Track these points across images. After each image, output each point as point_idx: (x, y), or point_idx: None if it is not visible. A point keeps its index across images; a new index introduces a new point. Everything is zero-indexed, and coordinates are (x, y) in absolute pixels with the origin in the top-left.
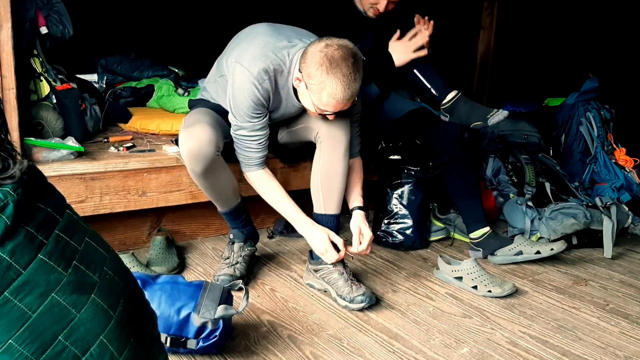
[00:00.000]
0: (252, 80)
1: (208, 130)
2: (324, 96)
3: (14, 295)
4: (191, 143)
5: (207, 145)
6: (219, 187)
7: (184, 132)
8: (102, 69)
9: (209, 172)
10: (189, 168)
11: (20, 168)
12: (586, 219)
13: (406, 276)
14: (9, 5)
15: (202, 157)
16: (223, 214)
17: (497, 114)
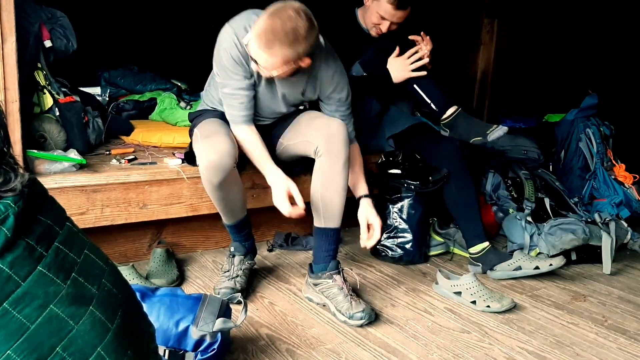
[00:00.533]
0: (232, 35)
1: (228, 142)
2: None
3: (13, 306)
4: (212, 155)
5: (228, 157)
6: (231, 199)
7: (203, 142)
8: (105, 82)
9: (225, 184)
10: (207, 179)
11: (21, 181)
12: (585, 235)
13: (405, 291)
14: (13, 19)
15: (222, 169)
16: (228, 226)
17: (497, 130)
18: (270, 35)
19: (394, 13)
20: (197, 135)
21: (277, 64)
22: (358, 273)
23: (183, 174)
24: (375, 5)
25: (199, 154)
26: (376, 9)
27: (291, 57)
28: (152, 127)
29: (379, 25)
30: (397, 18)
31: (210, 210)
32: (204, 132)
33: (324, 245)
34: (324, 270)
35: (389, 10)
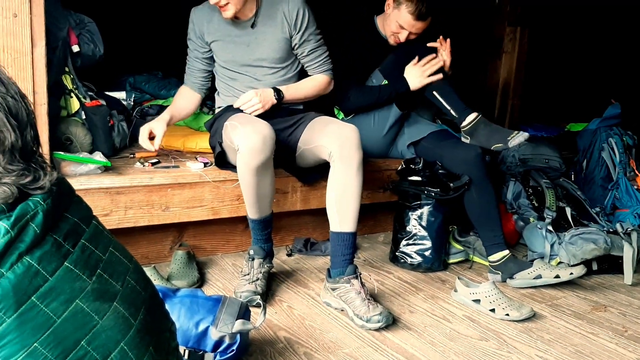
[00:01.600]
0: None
1: (269, 127)
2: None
3: (41, 300)
4: (255, 137)
5: (270, 140)
6: (263, 190)
7: (244, 127)
8: (130, 87)
9: (261, 170)
10: (245, 162)
11: (50, 179)
12: (606, 245)
13: (424, 297)
14: (43, 25)
15: (262, 152)
16: (254, 221)
17: (518, 136)
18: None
19: (413, 23)
20: (233, 124)
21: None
22: (376, 279)
23: (206, 177)
24: (395, 14)
25: (239, 137)
26: (396, 17)
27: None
28: (175, 131)
29: (398, 34)
30: (415, 29)
31: (230, 214)
32: (241, 120)
33: (341, 249)
34: (341, 274)
35: (408, 21)
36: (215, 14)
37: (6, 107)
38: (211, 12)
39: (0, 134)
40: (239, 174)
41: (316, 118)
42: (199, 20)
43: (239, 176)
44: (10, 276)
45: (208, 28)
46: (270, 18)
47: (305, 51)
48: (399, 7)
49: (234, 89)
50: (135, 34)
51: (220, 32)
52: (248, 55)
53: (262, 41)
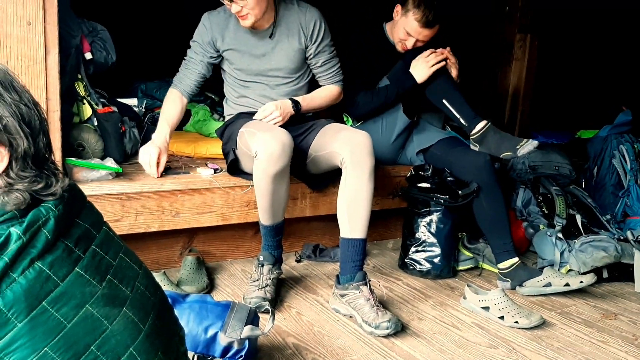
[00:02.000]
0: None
1: (288, 135)
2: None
3: (52, 305)
4: (274, 144)
5: (288, 147)
6: (278, 196)
7: (264, 134)
8: (142, 94)
9: (278, 177)
10: (263, 168)
11: (61, 186)
12: (617, 253)
13: (433, 304)
14: (56, 32)
15: (281, 159)
16: (266, 227)
17: (527, 145)
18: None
19: (420, 31)
20: (251, 131)
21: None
22: (385, 286)
23: (216, 183)
24: (403, 21)
25: (258, 143)
26: (403, 24)
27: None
28: (186, 137)
29: (405, 41)
30: (422, 36)
31: (240, 220)
32: (259, 126)
33: (351, 255)
34: (350, 281)
35: (415, 28)
36: (231, 22)
37: (19, 115)
38: (227, 20)
39: (13, 141)
40: (255, 180)
41: (328, 125)
42: (214, 26)
43: (254, 182)
44: (22, 281)
45: (223, 36)
46: (287, 29)
47: (319, 62)
48: (406, 15)
49: (246, 98)
50: (147, 41)
51: (236, 41)
52: (263, 65)
53: (278, 51)
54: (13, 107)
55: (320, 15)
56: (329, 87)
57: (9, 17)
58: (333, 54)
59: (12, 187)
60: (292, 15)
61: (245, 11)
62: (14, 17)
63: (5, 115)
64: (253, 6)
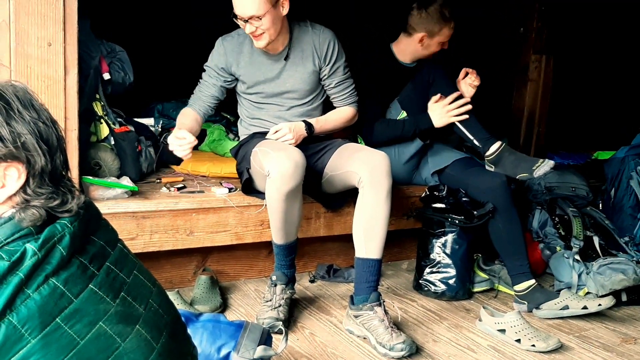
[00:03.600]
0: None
1: (301, 154)
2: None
3: (65, 322)
4: (287, 163)
5: (301, 167)
6: (290, 216)
7: (277, 152)
8: (158, 114)
9: (291, 196)
10: (276, 187)
11: (77, 203)
12: (636, 275)
13: (448, 327)
14: (76, 53)
15: (294, 178)
16: (279, 247)
17: (543, 165)
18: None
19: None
20: (264, 150)
21: (261, 3)
22: (400, 307)
23: (231, 202)
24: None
25: (271, 163)
26: (438, 39)
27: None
28: (201, 157)
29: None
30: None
31: (254, 239)
32: (272, 146)
33: (366, 276)
34: (365, 301)
35: (446, 33)
36: (246, 45)
37: (37, 132)
38: (241, 44)
39: (31, 158)
40: (268, 199)
41: (344, 145)
42: (228, 51)
43: (267, 201)
44: (36, 297)
45: (238, 59)
46: (301, 51)
47: (333, 83)
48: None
49: (260, 119)
50: (164, 62)
51: (251, 64)
52: (278, 87)
53: (293, 73)
54: (32, 125)
55: (334, 37)
56: (343, 108)
57: (30, 38)
58: (347, 75)
59: (28, 204)
60: (306, 37)
61: (259, 31)
62: (34, 38)
63: (24, 132)
64: (268, 26)
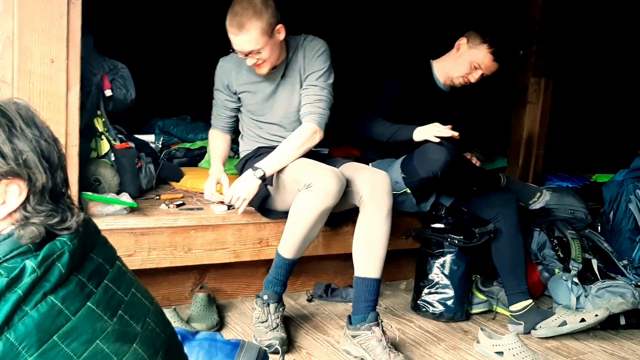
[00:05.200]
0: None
1: (344, 176)
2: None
3: (62, 340)
4: (335, 179)
5: (344, 186)
6: (314, 232)
7: (321, 169)
8: (159, 131)
9: (324, 213)
10: (316, 201)
11: (76, 220)
12: (635, 299)
13: (445, 348)
14: (78, 70)
15: (336, 196)
16: (286, 260)
17: (540, 201)
18: (237, 18)
19: (491, 65)
20: (300, 165)
21: (258, 39)
22: (397, 328)
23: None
24: (471, 53)
25: (315, 177)
26: (470, 57)
27: (264, 27)
28: (201, 174)
29: (470, 74)
30: (490, 70)
31: (252, 257)
32: (308, 161)
33: (364, 295)
34: (363, 321)
35: (486, 61)
36: (244, 65)
37: (39, 150)
38: (239, 63)
39: (32, 175)
40: (296, 211)
41: (345, 163)
42: (227, 72)
43: (294, 213)
44: (34, 315)
45: (237, 79)
46: (296, 64)
47: (305, 87)
48: (477, 47)
49: (259, 137)
50: (166, 79)
51: (249, 83)
52: (277, 106)
53: (288, 89)
54: (34, 143)
55: (324, 45)
56: (298, 130)
57: (33, 55)
58: (323, 86)
59: (28, 221)
60: (298, 50)
61: (260, 61)
62: (37, 55)
63: (26, 150)
64: (268, 56)
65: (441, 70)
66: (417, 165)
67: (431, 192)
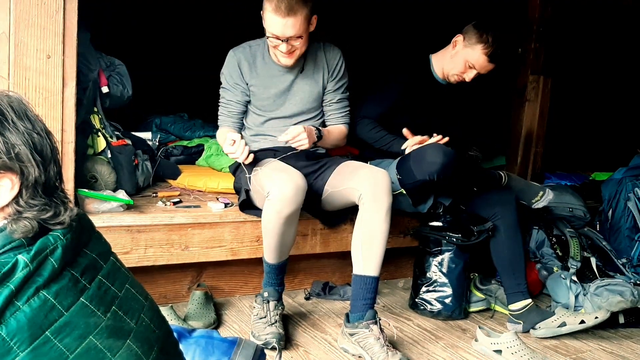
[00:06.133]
0: (233, 57)
1: (303, 178)
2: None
3: (55, 335)
4: (289, 185)
5: (302, 191)
6: (287, 237)
7: (278, 175)
8: (156, 128)
9: (289, 219)
10: (277, 210)
11: (70, 215)
12: (634, 297)
13: (443, 346)
14: (75, 66)
15: (294, 201)
16: (272, 266)
17: (542, 200)
18: (285, 1)
19: (486, 65)
20: (265, 171)
21: (302, 24)
22: (395, 326)
23: (227, 218)
24: (466, 52)
25: (272, 185)
26: (465, 56)
27: (308, 13)
28: (198, 172)
29: (464, 73)
30: (486, 70)
31: (250, 255)
32: (275, 166)
33: (362, 293)
34: (360, 319)
35: (482, 61)
36: (258, 57)
37: (31, 143)
38: (253, 54)
39: (25, 169)
40: (264, 221)
41: (345, 162)
42: (242, 61)
43: (263, 222)
44: (26, 310)
45: (251, 70)
46: (314, 64)
47: (334, 99)
48: (472, 47)
49: (263, 134)
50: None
51: (262, 77)
52: (287, 101)
53: (303, 86)
54: (26, 136)
55: (342, 54)
56: (340, 127)
57: (29, 50)
58: (347, 95)
59: (20, 215)
60: (318, 52)
61: (294, 49)
62: (33, 50)
63: (18, 143)
64: (303, 43)
65: (439, 65)
66: (414, 167)
67: (429, 194)
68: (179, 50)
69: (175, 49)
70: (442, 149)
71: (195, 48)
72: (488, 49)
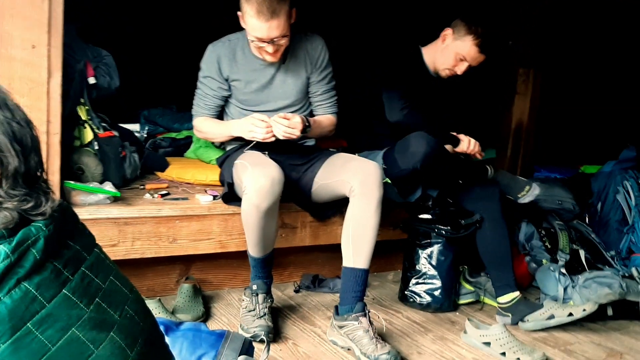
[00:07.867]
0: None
1: (278, 170)
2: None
3: (36, 327)
4: (264, 180)
5: (278, 183)
6: (268, 230)
7: (254, 168)
8: (144, 120)
9: (269, 212)
10: (254, 204)
11: (51, 206)
12: (622, 290)
13: (433, 339)
14: (60, 57)
15: (271, 195)
16: (257, 259)
17: (529, 194)
18: (266, 4)
19: (477, 57)
20: (243, 164)
21: (285, 23)
22: (385, 318)
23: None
24: (456, 45)
25: (249, 179)
26: (456, 49)
27: (289, 10)
28: (186, 164)
29: (456, 66)
30: (477, 62)
31: (238, 248)
32: (252, 160)
33: (352, 285)
34: (350, 311)
35: (473, 53)
36: (238, 52)
37: (11, 133)
38: (233, 50)
39: (4, 159)
40: (244, 215)
41: (335, 154)
42: (222, 56)
43: (243, 216)
44: (7, 301)
45: (230, 66)
46: (295, 57)
47: (319, 90)
48: (462, 39)
49: None
50: (151, 68)
51: (243, 72)
52: (270, 95)
53: (286, 78)
54: (5, 125)
55: (324, 44)
56: (328, 116)
57: (14, 40)
58: (333, 84)
59: (0, 206)
60: (299, 42)
61: (279, 47)
62: (18, 40)
63: None
64: (286, 41)
65: (429, 58)
66: (398, 157)
67: (416, 184)
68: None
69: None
70: (425, 138)
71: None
72: (478, 39)
